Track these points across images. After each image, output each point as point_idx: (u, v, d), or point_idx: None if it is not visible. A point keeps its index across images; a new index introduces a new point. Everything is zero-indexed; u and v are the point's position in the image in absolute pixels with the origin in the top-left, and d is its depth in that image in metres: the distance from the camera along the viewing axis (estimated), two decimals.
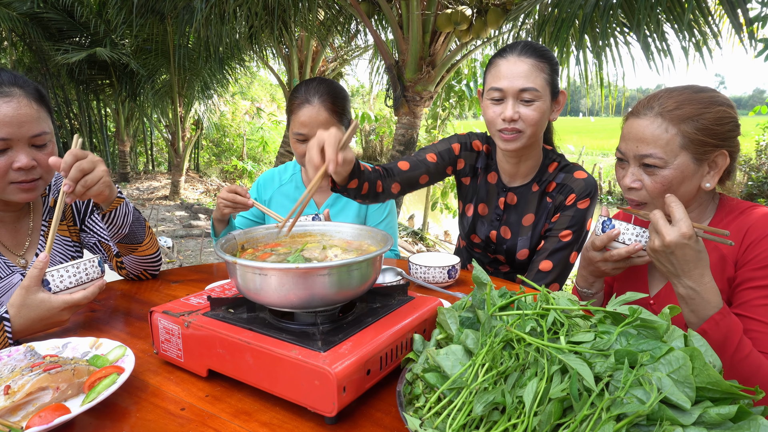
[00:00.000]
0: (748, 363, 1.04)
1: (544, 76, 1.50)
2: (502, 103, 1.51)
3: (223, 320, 0.96)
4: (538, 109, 1.49)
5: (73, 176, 1.18)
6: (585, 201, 1.59)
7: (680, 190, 1.20)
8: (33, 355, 0.99)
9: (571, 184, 1.60)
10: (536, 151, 1.64)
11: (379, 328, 0.94)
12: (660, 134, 1.16)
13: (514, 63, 1.49)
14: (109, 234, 1.42)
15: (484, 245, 1.78)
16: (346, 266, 0.89)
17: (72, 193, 1.19)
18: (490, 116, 1.54)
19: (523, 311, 0.88)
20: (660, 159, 1.16)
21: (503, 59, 1.52)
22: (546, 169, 1.65)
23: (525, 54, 1.50)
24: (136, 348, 1.11)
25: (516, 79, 1.48)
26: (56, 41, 8.88)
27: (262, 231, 1.16)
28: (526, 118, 1.49)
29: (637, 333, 0.80)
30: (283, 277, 0.87)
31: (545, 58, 1.51)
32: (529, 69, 1.48)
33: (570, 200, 1.59)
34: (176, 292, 1.48)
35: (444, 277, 1.45)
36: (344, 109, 1.78)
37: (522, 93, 1.48)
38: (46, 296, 1.11)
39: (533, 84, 1.47)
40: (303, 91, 1.74)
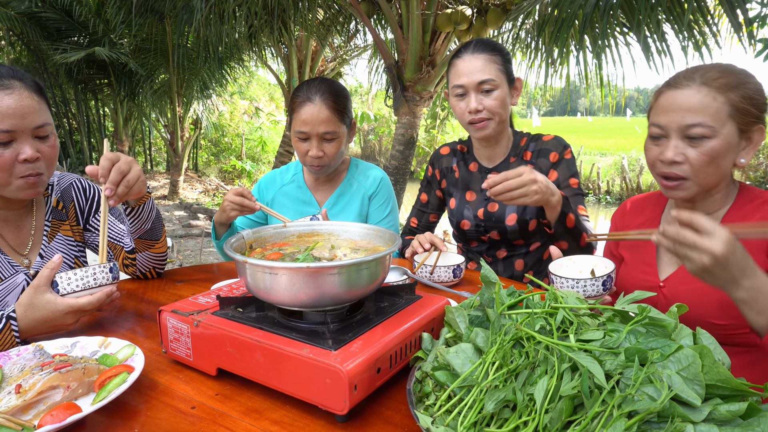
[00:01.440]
0: None
1: (498, 66, 1.68)
2: (466, 97, 1.70)
3: (233, 319, 0.97)
4: (498, 97, 1.68)
5: (113, 179, 1.21)
6: (567, 152, 1.76)
7: (722, 165, 1.17)
8: (42, 354, 1.00)
9: (545, 146, 1.77)
10: (506, 132, 1.83)
11: (388, 326, 0.95)
12: (709, 102, 1.13)
13: (469, 60, 1.68)
14: (132, 229, 1.44)
15: (474, 229, 1.85)
16: (356, 265, 0.90)
17: (115, 195, 1.22)
18: (459, 111, 1.73)
19: (532, 310, 0.89)
20: (709, 128, 1.13)
21: (459, 59, 1.70)
22: (518, 144, 1.83)
23: (477, 51, 1.68)
24: (145, 347, 1.11)
25: (473, 74, 1.66)
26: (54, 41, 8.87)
27: (270, 231, 1.16)
28: (489, 106, 1.68)
29: (646, 331, 0.81)
30: (293, 276, 0.87)
31: (496, 51, 1.69)
32: (484, 63, 1.66)
33: (554, 157, 1.75)
34: (182, 291, 1.49)
35: (449, 277, 1.46)
36: (345, 108, 1.79)
37: (481, 85, 1.66)
38: (52, 297, 1.11)
39: (489, 75, 1.66)
40: (305, 90, 1.75)
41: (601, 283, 1.21)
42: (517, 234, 1.76)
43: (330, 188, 1.96)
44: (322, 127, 1.72)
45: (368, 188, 1.96)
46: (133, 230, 1.45)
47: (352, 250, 1.07)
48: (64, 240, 1.47)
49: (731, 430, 0.66)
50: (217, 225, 1.75)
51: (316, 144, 1.75)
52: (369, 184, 1.97)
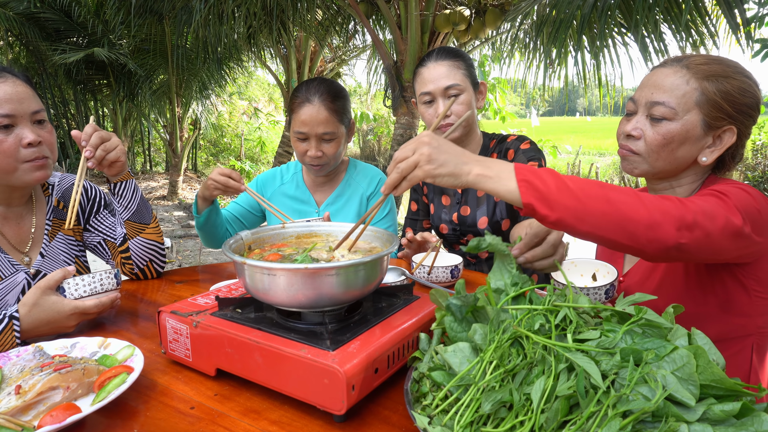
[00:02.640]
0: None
1: (462, 72, 1.71)
2: (434, 103, 1.73)
3: (231, 320, 0.97)
4: (464, 101, 1.71)
5: (94, 142, 1.33)
6: (524, 144, 1.77)
7: (677, 153, 1.15)
8: (42, 355, 1.00)
9: (506, 147, 1.81)
10: (475, 134, 1.85)
11: (386, 327, 0.95)
12: (679, 84, 1.12)
13: (433, 68, 1.71)
14: (120, 210, 1.49)
15: (452, 233, 1.90)
16: (354, 266, 0.90)
17: (93, 158, 1.33)
18: (428, 118, 1.76)
19: (532, 306, 0.89)
20: (671, 109, 1.12)
21: (424, 67, 1.74)
22: (488, 146, 1.86)
23: (441, 58, 1.72)
24: (144, 347, 1.12)
25: (439, 80, 1.70)
26: (53, 41, 8.86)
27: (269, 231, 1.17)
28: (456, 111, 1.71)
29: (642, 332, 0.82)
30: (291, 277, 0.88)
31: (459, 57, 1.72)
32: (448, 69, 1.70)
33: (510, 154, 1.78)
34: (181, 292, 1.49)
35: (447, 277, 1.46)
36: (344, 108, 1.80)
37: (447, 90, 1.70)
38: (58, 299, 1.13)
39: (454, 80, 1.69)
40: (304, 91, 1.76)
41: (604, 292, 1.18)
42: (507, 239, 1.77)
43: (329, 188, 1.97)
44: (320, 128, 1.73)
45: (366, 188, 1.97)
46: (120, 212, 1.50)
47: (351, 252, 1.07)
48: (65, 239, 1.48)
49: (725, 429, 0.67)
50: (199, 200, 1.75)
51: (314, 144, 1.76)
52: (367, 185, 1.97)
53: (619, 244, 0.92)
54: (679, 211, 0.92)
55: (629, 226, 0.88)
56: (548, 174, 0.89)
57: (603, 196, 0.88)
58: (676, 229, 0.90)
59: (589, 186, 0.89)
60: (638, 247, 0.91)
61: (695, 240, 0.93)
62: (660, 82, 1.14)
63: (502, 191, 0.88)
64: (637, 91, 1.19)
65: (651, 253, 0.92)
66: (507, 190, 0.88)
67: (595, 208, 0.87)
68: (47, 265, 1.41)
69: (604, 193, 0.89)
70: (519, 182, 0.87)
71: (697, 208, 0.94)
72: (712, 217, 0.95)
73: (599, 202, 0.88)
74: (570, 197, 0.87)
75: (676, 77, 1.12)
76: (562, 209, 0.87)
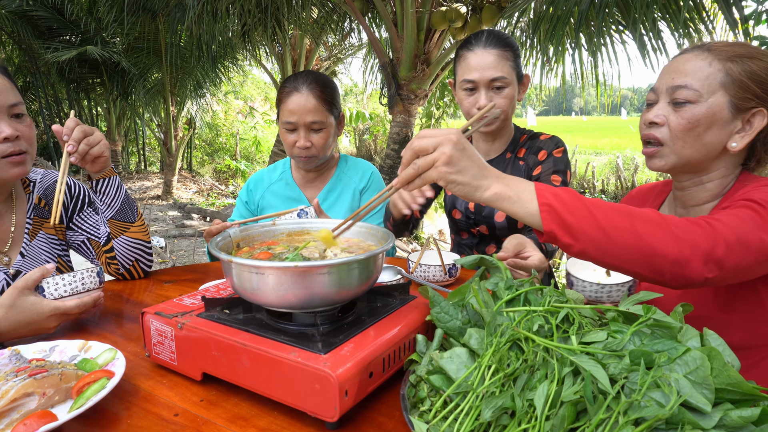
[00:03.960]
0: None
1: (510, 63, 1.63)
2: (475, 92, 1.65)
3: (218, 321, 0.92)
4: (508, 95, 1.64)
5: (76, 136, 1.27)
6: (558, 150, 1.71)
7: (705, 138, 1.08)
8: (18, 359, 0.95)
9: (538, 145, 1.74)
10: (508, 131, 1.80)
11: (381, 328, 0.90)
12: (702, 66, 1.06)
13: (481, 55, 1.62)
14: (103, 208, 1.43)
15: (464, 220, 1.83)
16: (346, 264, 0.86)
17: (76, 153, 1.27)
18: (466, 106, 1.68)
19: (531, 308, 0.85)
20: (694, 92, 1.05)
21: (471, 52, 1.64)
22: (518, 140, 1.80)
23: (490, 45, 1.62)
24: (127, 351, 1.07)
25: (486, 71, 1.61)
26: (46, 39, 8.78)
27: (258, 229, 1.12)
28: (500, 104, 1.64)
29: (651, 333, 0.77)
30: (281, 276, 0.83)
31: (508, 46, 1.64)
32: (496, 59, 1.61)
33: (542, 155, 1.71)
34: (169, 292, 1.44)
35: (444, 276, 1.42)
36: (333, 98, 1.76)
37: (493, 82, 1.62)
38: (37, 299, 1.07)
39: (501, 73, 1.61)
40: (292, 81, 1.74)
41: (627, 289, 1.11)
42: (506, 231, 1.73)
43: (320, 184, 1.92)
44: (309, 116, 1.69)
45: (359, 183, 1.93)
46: (104, 210, 1.44)
47: (343, 250, 1.03)
48: (47, 238, 1.43)
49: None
50: None
51: (303, 134, 1.72)
52: (359, 179, 1.93)
53: (641, 276, 0.87)
54: (709, 244, 0.86)
55: (656, 261, 0.83)
56: (572, 198, 0.83)
57: (630, 228, 0.83)
58: (704, 263, 0.85)
59: (616, 215, 0.84)
60: (662, 281, 0.87)
61: (723, 273, 0.88)
62: (681, 66, 1.08)
63: (521, 213, 0.83)
64: (658, 80, 1.14)
65: (675, 286, 0.88)
66: (527, 212, 0.83)
67: (621, 240, 0.82)
68: (28, 265, 1.36)
69: (631, 224, 0.83)
70: (541, 206, 0.82)
71: (730, 235, 0.89)
72: (746, 244, 0.90)
73: (626, 234, 0.83)
74: (595, 227, 0.82)
75: (697, 60, 1.07)
76: (586, 240, 0.82)
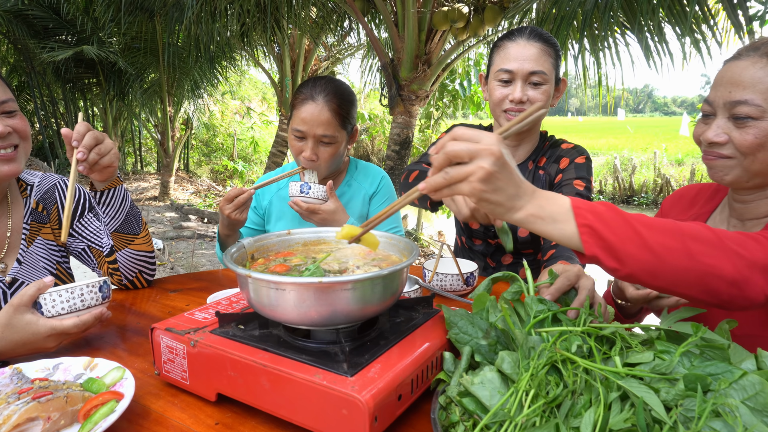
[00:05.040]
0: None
1: (551, 60, 1.54)
2: (511, 84, 1.55)
3: (234, 338, 0.87)
4: (546, 92, 1.53)
5: (87, 143, 1.18)
6: (581, 158, 1.62)
7: None
8: (20, 378, 0.90)
9: (560, 153, 1.66)
10: (535, 135, 1.70)
11: (408, 346, 0.85)
12: (762, 77, 0.97)
13: (523, 46, 1.53)
14: (107, 220, 1.35)
15: (483, 231, 1.75)
16: (371, 280, 0.80)
17: (85, 161, 1.19)
18: (498, 97, 1.56)
19: (568, 328, 0.80)
20: (756, 107, 0.97)
21: (512, 42, 1.55)
22: (541, 148, 1.71)
23: (533, 38, 1.54)
24: (135, 367, 1.01)
25: (526, 62, 1.51)
26: (42, 39, 8.69)
27: (274, 239, 1.06)
28: (534, 100, 1.53)
29: (701, 353, 0.73)
30: (303, 292, 0.78)
31: (551, 44, 1.55)
32: (538, 52, 1.52)
33: (564, 163, 1.63)
34: (175, 302, 1.38)
35: (461, 285, 1.37)
36: (349, 113, 1.68)
37: (531, 76, 1.52)
38: (33, 319, 1.00)
39: (542, 67, 1.51)
40: (309, 87, 1.64)
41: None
42: (529, 245, 1.67)
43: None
44: (320, 129, 1.61)
45: (368, 188, 1.87)
46: (107, 222, 1.36)
47: (365, 262, 0.98)
48: (45, 244, 1.36)
49: None
50: (222, 237, 1.63)
51: (311, 146, 1.63)
52: (369, 184, 1.87)
53: (695, 299, 0.80)
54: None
55: (712, 282, 0.76)
56: (614, 215, 0.74)
57: (682, 248, 0.75)
58: (766, 281, 0.78)
59: (665, 233, 0.75)
60: (718, 303, 0.79)
61: None
62: (737, 77, 1.00)
63: (556, 235, 0.74)
64: (712, 91, 1.05)
65: (733, 308, 0.81)
66: (563, 235, 0.74)
67: (672, 262, 0.74)
68: (25, 272, 1.30)
69: (683, 244, 0.75)
70: (580, 228, 0.73)
71: None
72: None
73: (678, 255, 0.75)
74: (643, 249, 0.74)
75: (755, 69, 0.98)
76: (634, 263, 0.74)
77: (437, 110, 9.21)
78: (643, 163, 15.88)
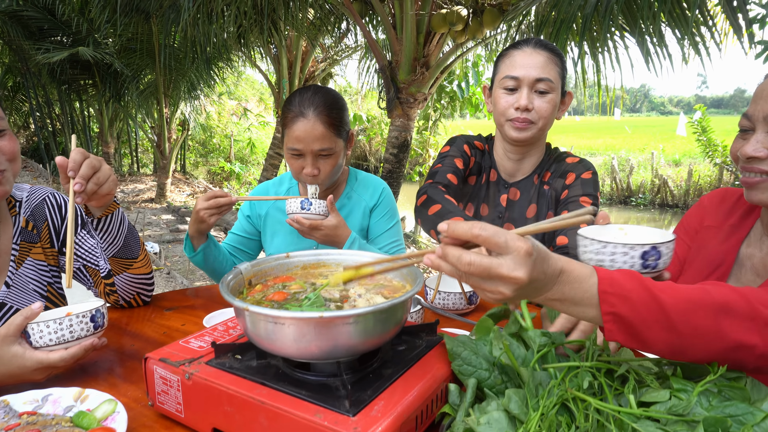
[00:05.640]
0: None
1: (557, 69, 1.53)
2: (516, 92, 1.53)
3: (230, 371, 0.84)
4: (552, 101, 1.52)
5: (84, 173, 1.11)
6: (587, 173, 1.59)
7: None
8: (8, 412, 0.86)
9: (566, 168, 1.62)
10: (540, 148, 1.67)
11: (411, 379, 0.82)
12: None
13: (530, 54, 1.52)
14: (104, 246, 1.30)
15: None
16: (373, 314, 0.77)
17: (83, 192, 1.12)
18: (503, 105, 1.55)
19: (577, 363, 0.77)
20: None
21: (518, 50, 1.54)
22: (546, 160, 1.69)
23: (540, 47, 1.53)
24: (128, 396, 0.98)
25: (532, 69, 1.50)
26: (37, 40, 8.62)
27: (272, 262, 1.03)
28: (540, 108, 1.51)
29: (719, 391, 0.69)
30: (303, 327, 0.75)
31: (557, 55, 1.55)
32: (545, 60, 1.51)
33: (570, 179, 1.60)
34: (170, 321, 1.35)
35: (464, 304, 1.34)
36: (341, 120, 1.64)
37: (537, 83, 1.50)
38: (20, 351, 0.96)
39: (548, 75, 1.50)
40: (297, 103, 1.60)
41: (640, 256, 0.83)
42: None
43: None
44: (316, 144, 1.57)
45: (369, 200, 1.83)
46: (105, 248, 1.30)
47: (366, 289, 0.94)
48: (35, 265, 1.31)
49: None
50: (192, 238, 1.61)
51: (311, 161, 1.60)
52: (369, 196, 1.84)
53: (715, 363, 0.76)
54: None
55: (739, 355, 0.72)
56: (641, 295, 0.69)
57: (713, 327, 0.70)
58: None
59: (697, 313, 0.70)
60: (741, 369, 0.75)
61: None
62: None
63: (579, 316, 0.72)
64: (751, 105, 1.02)
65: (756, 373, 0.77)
66: (586, 317, 0.72)
67: (701, 343, 0.70)
68: (14, 296, 1.25)
69: (715, 322, 0.70)
70: (605, 315, 0.69)
71: None
72: None
73: (708, 335, 0.70)
74: (671, 332, 0.69)
75: None
76: (661, 345, 0.70)
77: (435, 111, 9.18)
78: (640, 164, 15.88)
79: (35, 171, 11.55)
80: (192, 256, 1.64)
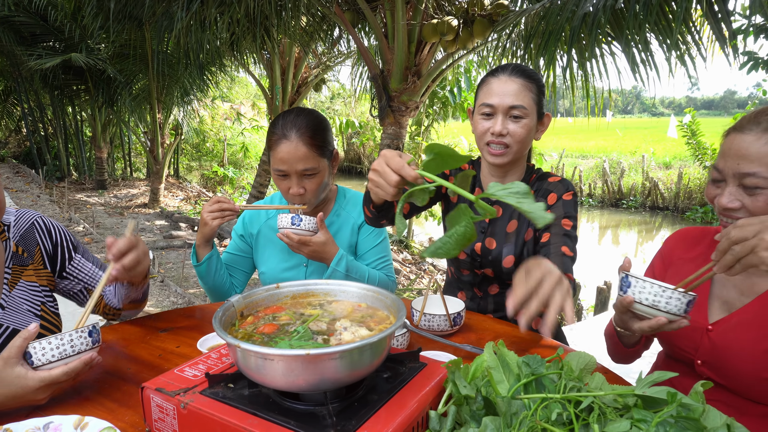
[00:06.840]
0: None
1: (532, 95, 1.61)
2: (492, 118, 1.62)
3: (223, 400, 0.89)
4: (525, 126, 1.60)
5: (127, 264, 1.21)
6: (568, 194, 1.66)
7: None
8: None
9: (547, 187, 1.69)
10: (520, 167, 1.75)
11: (395, 407, 0.87)
12: (767, 152, 1.09)
13: (504, 82, 1.60)
14: (124, 295, 1.41)
15: (470, 261, 1.77)
16: (359, 349, 0.82)
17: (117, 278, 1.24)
18: (480, 131, 1.64)
19: (547, 395, 0.82)
20: (764, 179, 1.08)
21: (495, 78, 1.63)
22: (528, 180, 1.75)
23: (515, 74, 1.61)
24: (125, 421, 1.02)
25: (506, 97, 1.58)
26: (29, 46, 8.64)
27: (262, 293, 1.08)
28: (514, 133, 1.59)
29: (676, 422, 0.75)
30: (291, 363, 0.80)
31: (533, 80, 1.62)
32: (519, 88, 1.59)
33: (552, 198, 1.66)
34: (165, 343, 1.40)
35: (448, 326, 1.39)
36: (324, 140, 1.72)
37: (511, 110, 1.58)
38: (23, 372, 1.01)
39: (522, 102, 1.58)
40: (280, 126, 1.68)
41: (686, 303, 1.02)
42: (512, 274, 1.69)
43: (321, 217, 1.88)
44: (300, 165, 1.65)
45: (357, 217, 1.89)
46: (124, 297, 1.43)
47: (352, 321, 0.99)
48: (27, 286, 1.35)
49: None
50: (199, 248, 1.73)
51: (296, 181, 1.68)
52: (358, 214, 1.89)
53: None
54: None
55: None
56: None
57: None
58: None
59: None
60: None
61: None
62: (744, 151, 1.11)
63: None
64: (719, 160, 1.16)
65: None
66: None
67: None
68: (9, 317, 1.29)
69: None
70: None
71: None
72: None
73: None
74: None
75: (760, 144, 1.09)
76: None
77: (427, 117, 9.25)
78: (631, 167, 16.03)
79: (27, 176, 11.53)
80: (197, 266, 1.76)
